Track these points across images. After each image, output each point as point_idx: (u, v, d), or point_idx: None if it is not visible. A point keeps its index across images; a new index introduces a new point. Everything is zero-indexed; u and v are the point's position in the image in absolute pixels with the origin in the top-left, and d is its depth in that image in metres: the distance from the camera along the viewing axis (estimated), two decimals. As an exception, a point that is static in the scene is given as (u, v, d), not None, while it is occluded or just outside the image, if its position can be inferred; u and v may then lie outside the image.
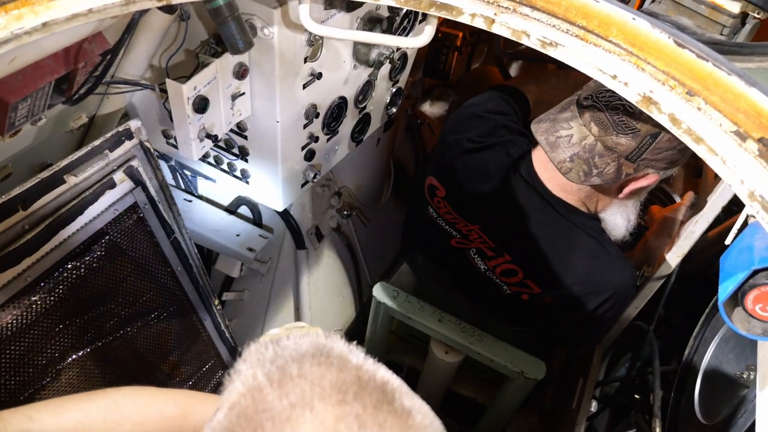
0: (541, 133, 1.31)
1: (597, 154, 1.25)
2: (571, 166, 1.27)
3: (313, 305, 2.08)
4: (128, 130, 1.18)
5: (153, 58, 1.28)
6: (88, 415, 0.82)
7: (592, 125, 1.25)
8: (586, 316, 1.46)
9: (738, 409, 1.30)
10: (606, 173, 1.27)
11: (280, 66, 1.18)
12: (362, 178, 2.20)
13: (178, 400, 0.90)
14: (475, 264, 1.56)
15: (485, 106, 1.58)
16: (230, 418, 0.54)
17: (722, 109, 0.75)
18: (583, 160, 1.26)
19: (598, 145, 1.25)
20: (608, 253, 1.41)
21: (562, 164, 1.28)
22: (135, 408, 0.85)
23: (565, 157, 1.28)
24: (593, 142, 1.25)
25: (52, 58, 0.90)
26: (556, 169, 1.30)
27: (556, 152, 1.28)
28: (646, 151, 1.23)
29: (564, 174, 1.29)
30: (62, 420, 0.79)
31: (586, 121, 1.26)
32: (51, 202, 1.06)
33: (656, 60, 0.81)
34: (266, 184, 1.48)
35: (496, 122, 1.53)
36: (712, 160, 0.75)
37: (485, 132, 1.52)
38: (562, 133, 1.28)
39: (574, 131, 1.27)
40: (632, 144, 1.22)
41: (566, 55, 0.87)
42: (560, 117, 1.31)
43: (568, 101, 1.35)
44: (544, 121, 1.34)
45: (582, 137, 1.26)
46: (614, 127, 1.22)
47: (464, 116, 1.59)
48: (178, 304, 1.40)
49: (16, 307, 1.03)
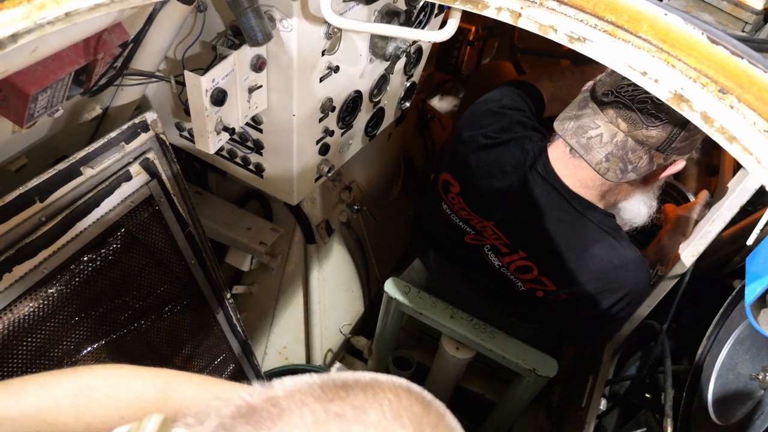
0: (571, 136, 1.30)
1: (630, 149, 1.25)
2: (608, 165, 1.27)
3: (323, 300, 2.07)
4: (144, 122, 1.17)
5: (168, 50, 1.27)
6: (55, 399, 0.74)
7: (620, 121, 1.23)
8: (600, 314, 1.45)
9: (755, 410, 1.29)
10: (640, 167, 1.27)
11: (298, 59, 1.17)
12: (372, 172, 2.19)
13: (158, 381, 0.82)
14: (489, 260, 1.55)
15: (500, 102, 1.57)
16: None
17: (756, 107, 0.74)
18: (618, 157, 1.26)
19: (629, 141, 1.24)
20: (624, 251, 1.40)
21: (600, 165, 1.27)
22: (108, 391, 0.77)
23: (600, 158, 1.27)
24: (624, 138, 1.24)
25: (72, 49, 0.89)
26: (593, 169, 1.29)
27: (591, 154, 1.27)
28: (676, 140, 1.23)
29: (602, 174, 1.28)
30: (24, 405, 0.72)
31: (611, 118, 1.24)
32: (68, 194, 1.06)
33: (688, 57, 0.79)
34: (280, 177, 1.47)
35: (511, 118, 1.52)
36: (745, 159, 0.74)
37: (500, 128, 1.51)
38: (591, 134, 1.27)
39: (603, 130, 1.26)
40: (663, 135, 1.22)
41: (594, 51, 0.86)
42: (583, 115, 1.29)
43: (584, 98, 1.33)
44: (567, 121, 1.32)
45: (612, 135, 1.25)
46: (643, 121, 1.22)
47: (479, 112, 1.58)
48: (191, 298, 1.39)
49: (33, 299, 1.02)
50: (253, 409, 0.48)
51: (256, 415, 0.47)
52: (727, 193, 1.40)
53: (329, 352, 2.18)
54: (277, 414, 0.47)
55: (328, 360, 2.18)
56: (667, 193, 2.03)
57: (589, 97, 1.31)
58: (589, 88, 1.34)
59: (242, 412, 0.48)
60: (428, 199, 1.70)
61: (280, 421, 0.46)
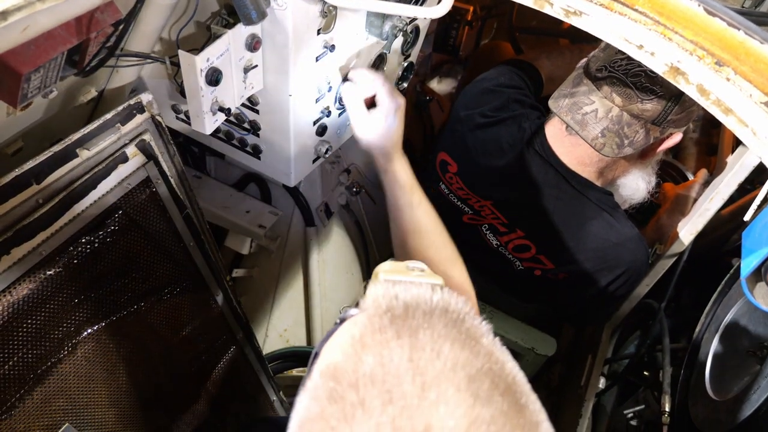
0: (566, 113, 1.30)
1: (625, 124, 1.25)
2: (604, 141, 1.27)
3: (323, 282, 2.08)
4: (140, 103, 1.16)
5: (163, 31, 1.26)
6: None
7: (614, 96, 1.23)
8: (598, 292, 1.46)
9: (751, 385, 1.30)
10: (636, 141, 1.27)
11: (294, 38, 1.16)
12: (371, 155, 2.18)
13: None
14: (487, 240, 1.55)
15: (497, 80, 1.56)
16: (356, 368, 0.47)
17: (753, 79, 0.73)
18: (614, 132, 1.26)
19: (625, 115, 1.24)
20: (622, 229, 1.40)
21: (596, 141, 1.27)
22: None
23: (596, 133, 1.27)
24: (619, 113, 1.24)
25: (64, 28, 0.88)
26: (589, 145, 1.29)
27: (586, 130, 1.27)
28: (671, 113, 1.22)
29: (599, 150, 1.28)
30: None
31: (606, 93, 1.24)
32: (64, 176, 1.05)
33: (684, 29, 0.79)
34: (278, 159, 1.46)
35: (508, 96, 1.51)
36: (741, 131, 0.74)
37: (498, 106, 1.50)
38: (586, 110, 1.27)
39: (597, 105, 1.25)
40: (658, 108, 1.22)
41: (590, 25, 0.85)
42: (577, 92, 1.29)
43: (577, 75, 1.33)
44: (562, 98, 1.32)
45: (607, 110, 1.24)
46: (638, 95, 1.21)
47: (476, 91, 1.57)
48: (190, 280, 1.40)
49: (31, 281, 1.02)
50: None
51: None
52: (726, 169, 1.40)
53: (330, 335, 2.20)
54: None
55: (329, 342, 2.20)
56: (666, 172, 2.03)
57: (583, 73, 1.30)
58: (583, 64, 1.33)
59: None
60: (426, 179, 1.70)
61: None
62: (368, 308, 0.52)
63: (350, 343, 0.50)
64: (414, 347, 0.47)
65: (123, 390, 1.26)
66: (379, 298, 0.52)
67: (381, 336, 0.49)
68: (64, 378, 1.11)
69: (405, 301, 0.51)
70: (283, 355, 2.10)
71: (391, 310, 0.51)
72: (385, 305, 0.51)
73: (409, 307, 0.51)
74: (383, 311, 0.51)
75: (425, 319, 0.49)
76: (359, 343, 0.49)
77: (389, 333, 0.49)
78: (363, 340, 0.49)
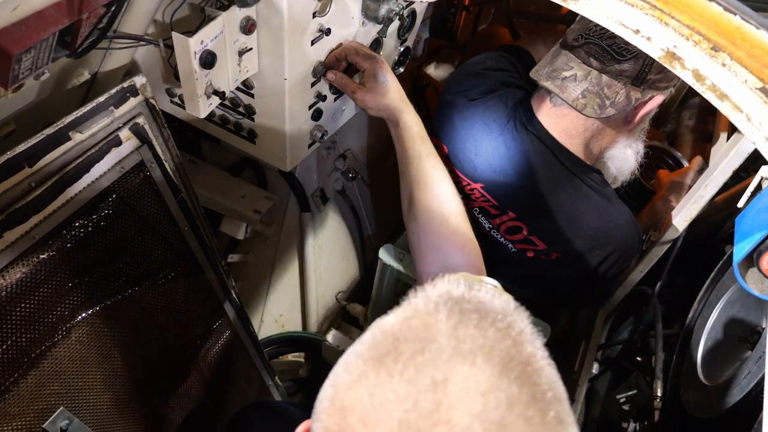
0: (545, 80, 1.34)
1: (605, 85, 1.28)
2: (585, 102, 1.30)
3: (318, 268, 2.08)
4: (133, 86, 1.15)
5: (156, 13, 1.25)
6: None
7: (592, 60, 1.28)
8: (590, 273, 1.46)
9: (741, 370, 1.32)
10: (618, 102, 1.29)
11: (289, 20, 1.15)
12: (367, 141, 2.18)
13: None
14: (480, 224, 1.55)
15: (484, 63, 1.58)
16: (401, 326, 0.53)
17: (748, 65, 0.73)
18: (594, 93, 1.29)
19: (604, 77, 1.27)
20: (613, 207, 1.41)
21: (576, 101, 1.30)
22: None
23: (576, 95, 1.30)
24: (597, 75, 1.28)
25: (55, 8, 0.87)
26: (571, 107, 1.32)
27: (566, 92, 1.31)
28: (650, 72, 1.24)
29: (580, 111, 1.31)
30: None
31: (584, 58, 1.29)
32: (57, 159, 1.05)
33: (681, 14, 0.78)
34: (273, 144, 1.46)
35: (495, 78, 1.52)
36: (736, 117, 0.73)
37: (484, 89, 1.51)
38: (565, 74, 1.31)
39: (576, 70, 1.30)
40: (636, 67, 1.25)
41: (587, 9, 0.85)
42: (556, 62, 1.33)
43: (557, 49, 1.38)
44: (541, 69, 1.36)
45: (586, 73, 1.29)
46: (614, 56, 1.24)
47: (463, 74, 1.58)
48: (185, 265, 1.40)
49: (25, 265, 1.02)
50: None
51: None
52: (720, 156, 1.40)
53: (325, 320, 2.20)
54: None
55: (324, 327, 2.20)
56: (661, 159, 2.04)
57: (560, 46, 1.34)
58: (562, 40, 1.37)
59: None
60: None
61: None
62: (431, 293, 0.57)
63: (403, 310, 0.56)
64: (461, 323, 0.52)
65: (118, 374, 1.27)
66: (444, 288, 0.57)
67: (435, 312, 0.54)
68: (59, 362, 1.12)
69: (467, 296, 0.56)
70: (279, 340, 2.11)
71: (453, 299, 0.55)
72: (447, 295, 0.56)
73: (471, 301, 0.55)
74: (445, 299, 0.55)
75: (482, 316, 0.54)
76: (412, 310, 0.55)
77: (442, 312, 0.54)
78: (416, 310, 0.55)
